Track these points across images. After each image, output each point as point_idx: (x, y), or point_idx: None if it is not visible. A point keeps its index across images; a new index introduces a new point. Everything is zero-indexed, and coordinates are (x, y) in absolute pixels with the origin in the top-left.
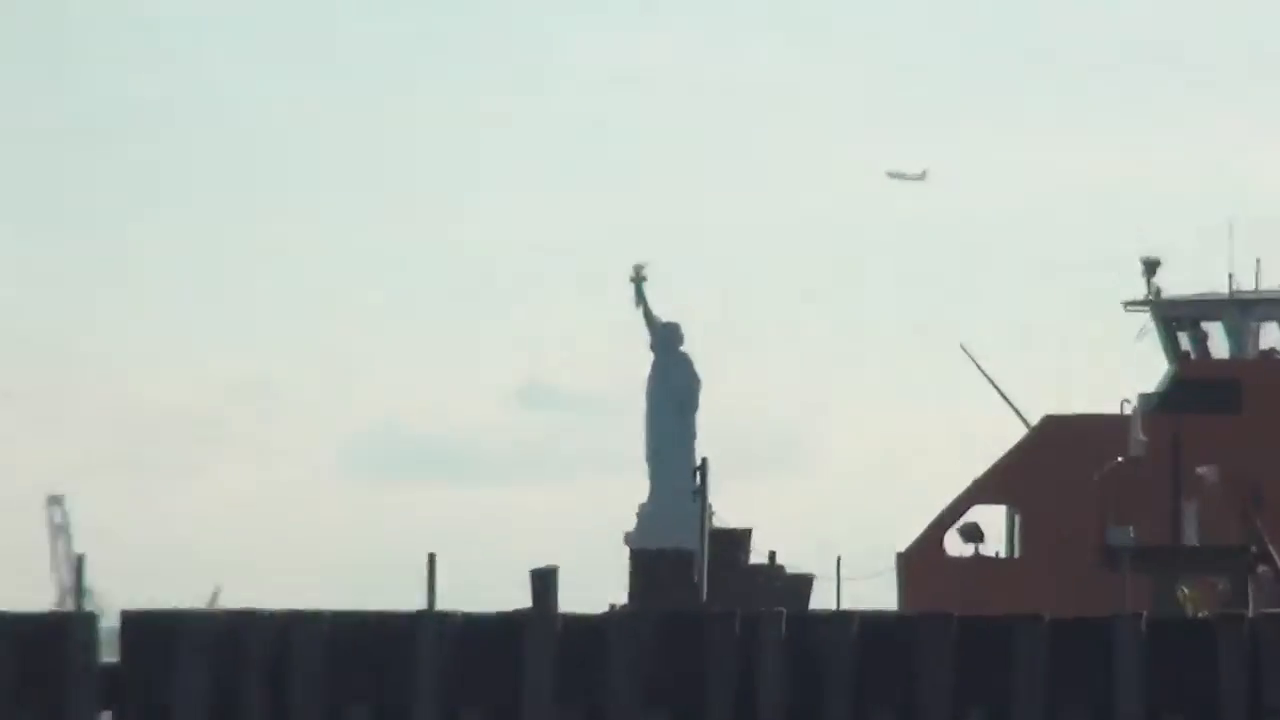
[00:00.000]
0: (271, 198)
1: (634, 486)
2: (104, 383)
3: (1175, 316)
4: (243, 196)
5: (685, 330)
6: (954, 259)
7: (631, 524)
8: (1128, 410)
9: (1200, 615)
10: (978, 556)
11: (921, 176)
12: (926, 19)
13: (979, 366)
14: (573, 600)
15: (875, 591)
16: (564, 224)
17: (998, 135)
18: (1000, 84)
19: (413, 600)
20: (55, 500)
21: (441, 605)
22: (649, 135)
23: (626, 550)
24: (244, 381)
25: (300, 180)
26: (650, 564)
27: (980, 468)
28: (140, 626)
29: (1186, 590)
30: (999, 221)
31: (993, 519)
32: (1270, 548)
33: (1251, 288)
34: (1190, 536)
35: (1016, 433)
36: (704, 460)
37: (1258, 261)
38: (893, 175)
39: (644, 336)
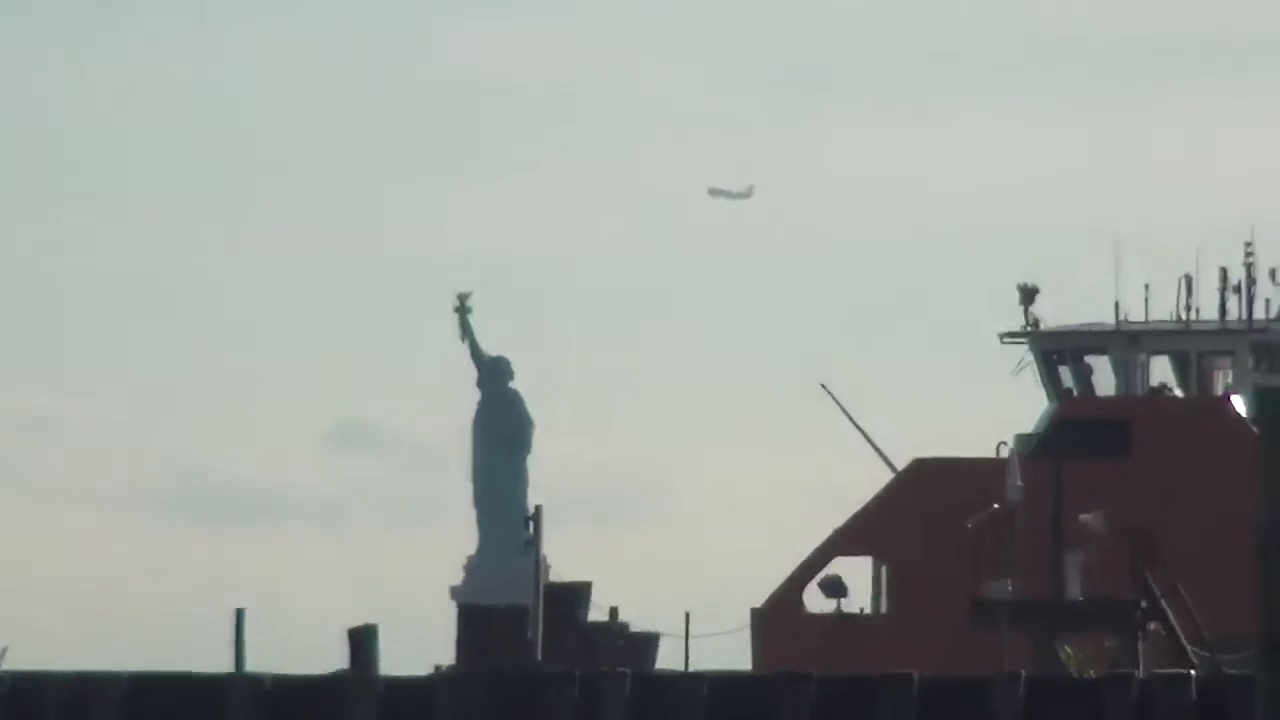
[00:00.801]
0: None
1: (461, 536)
2: None
3: (1056, 349)
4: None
5: (515, 365)
6: (813, 287)
7: (459, 577)
8: (1004, 453)
9: (1085, 676)
10: (840, 612)
11: (748, 194)
12: (776, 20)
13: (841, 406)
14: (395, 661)
15: (727, 650)
16: (376, 244)
17: (852, 147)
18: (859, 93)
19: (219, 660)
20: None
21: (251, 665)
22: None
23: (454, 606)
24: (19, 415)
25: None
26: (480, 620)
27: (843, 516)
28: None
29: (1070, 649)
30: (861, 246)
31: (857, 571)
32: (1162, 603)
33: (1140, 318)
34: (1073, 590)
35: (883, 478)
36: (537, 508)
37: (1146, 288)
38: (715, 193)
39: (470, 372)
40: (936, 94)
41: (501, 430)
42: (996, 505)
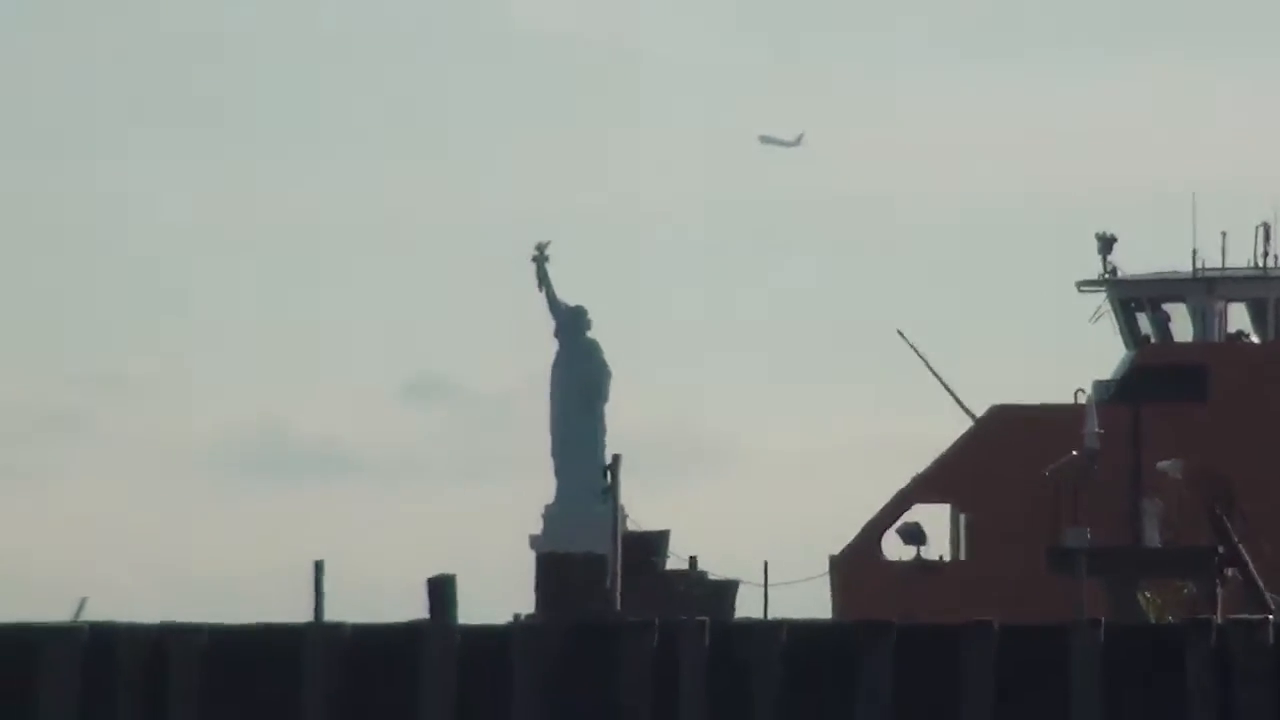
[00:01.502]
0: (121, 165)
1: (539, 486)
2: None
3: (1134, 297)
4: (93, 162)
5: (592, 315)
6: (890, 236)
7: (537, 527)
8: (1082, 400)
9: (1164, 622)
10: (919, 560)
11: (797, 142)
12: None
13: (919, 354)
14: (473, 610)
15: (806, 599)
16: (454, 199)
17: (931, 100)
18: (933, 44)
19: (298, 612)
20: None
21: (330, 616)
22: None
23: (532, 555)
24: (100, 375)
25: (157, 156)
26: (558, 570)
27: (921, 464)
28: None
29: (1148, 595)
30: (938, 195)
31: (935, 519)
32: (1240, 548)
33: (1217, 265)
34: (1152, 537)
35: (961, 426)
36: (615, 457)
37: (1223, 236)
38: (765, 140)
39: (547, 322)
40: (1013, 44)
41: (579, 380)
42: (1075, 452)
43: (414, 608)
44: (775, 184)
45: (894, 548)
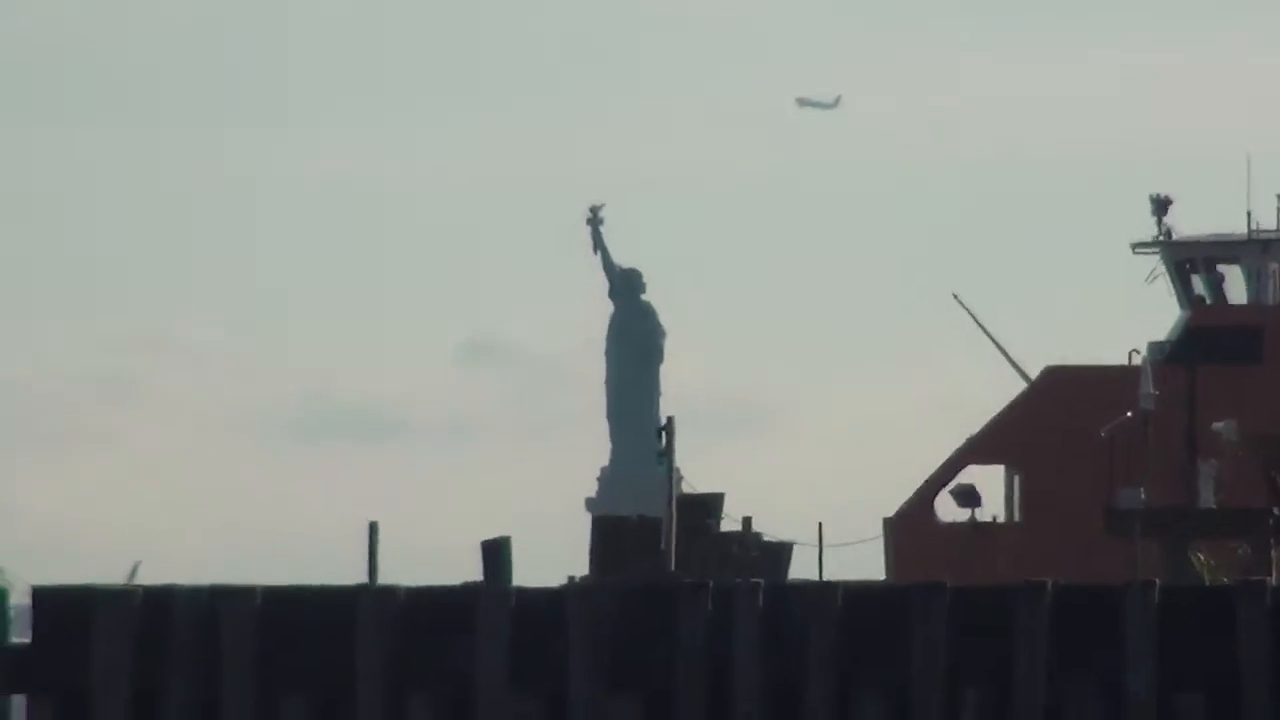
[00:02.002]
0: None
1: (594, 448)
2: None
3: (1188, 259)
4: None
5: (647, 277)
6: (944, 199)
7: (592, 489)
8: (1137, 361)
9: (1218, 583)
10: (973, 521)
11: (835, 104)
12: None
13: (973, 316)
14: (528, 572)
15: (861, 560)
16: (507, 161)
17: (986, 64)
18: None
19: (352, 574)
20: None
21: (384, 579)
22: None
23: (587, 517)
24: (156, 339)
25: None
26: (613, 532)
27: (975, 425)
28: (53, 604)
29: (1202, 557)
30: (993, 159)
31: (989, 480)
32: None
33: (1272, 226)
34: (1206, 498)
35: (1015, 387)
36: (670, 419)
37: (1278, 198)
38: (803, 103)
39: (602, 284)
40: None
41: (634, 342)
42: (1129, 413)
43: (469, 570)
44: (832, 149)
45: (948, 509)
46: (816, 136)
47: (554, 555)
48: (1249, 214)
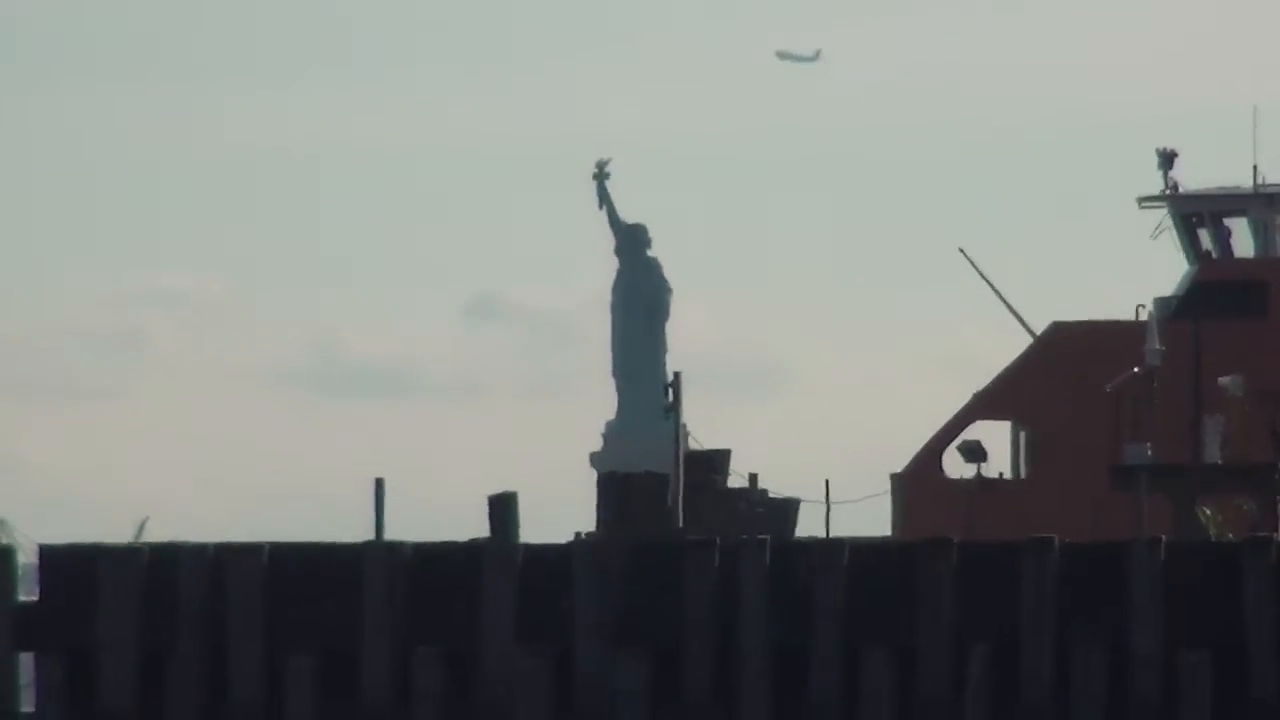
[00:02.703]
0: (190, 87)
1: (600, 405)
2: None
3: (1195, 213)
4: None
5: (653, 232)
6: (949, 152)
7: (598, 445)
8: (1143, 316)
9: (1224, 539)
10: (980, 477)
11: (814, 58)
12: None
13: (979, 271)
14: (535, 529)
15: (867, 517)
16: (512, 116)
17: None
18: None
19: (359, 529)
20: None
21: (390, 535)
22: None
23: (593, 473)
24: (166, 295)
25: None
26: (619, 488)
27: (982, 380)
28: (60, 562)
29: (1209, 512)
30: (998, 112)
31: (996, 436)
32: None
33: (1279, 180)
34: (1212, 453)
35: (1021, 342)
36: (676, 374)
37: None
38: (783, 56)
39: (607, 240)
40: None
41: (640, 297)
42: (1135, 369)
43: (475, 526)
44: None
45: (955, 465)
46: (823, 90)
47: (561, 511)
48: (1255, 168)
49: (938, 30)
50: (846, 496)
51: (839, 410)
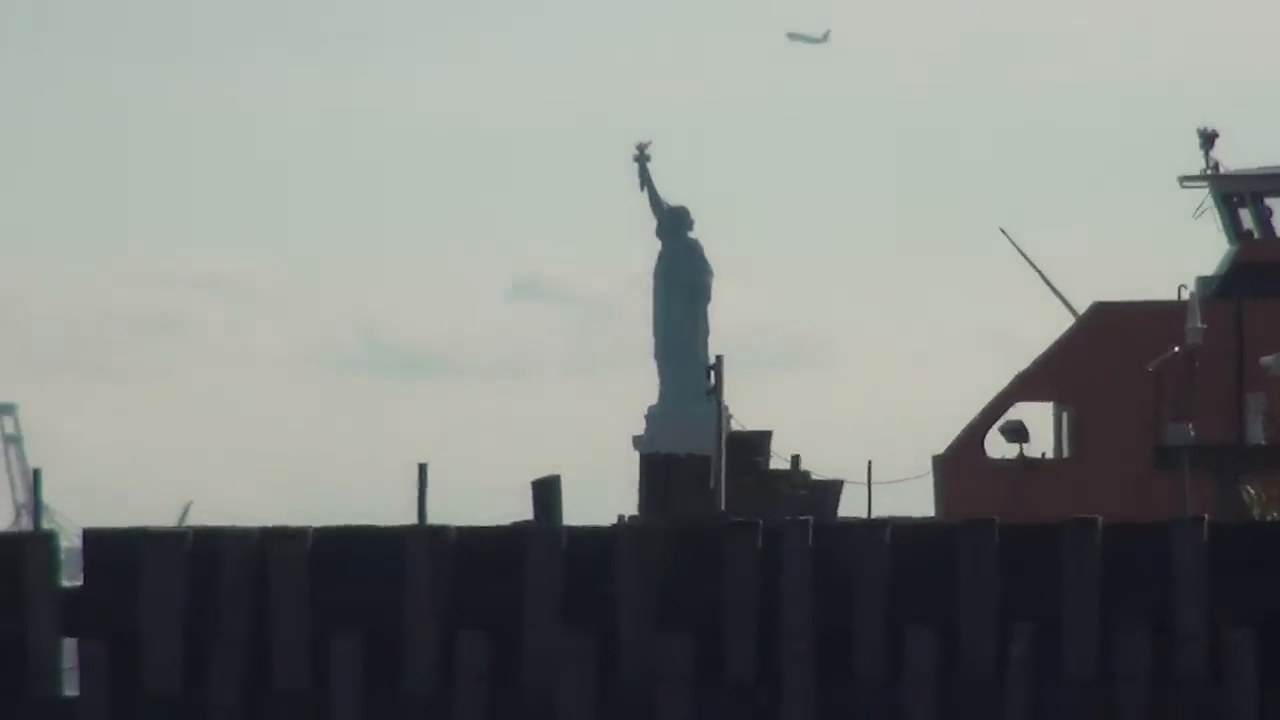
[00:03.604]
0: (237, 73)
1: (642, 387)
2: (53, 280)
3: (1237, 192)
4: (203, 75)
5: (695, 214)
6: (991, 135)
7: (640, 428)
8: (1185, 296)
9: (1268, 518)
10: (1022, 458)
11: (824, 39)
12: None
13: (1021, 251)
14: (578, 511)
15: (910, 498)
16: (554, 101)
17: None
18: None
19: (402, 510)
20: (6, 409)
21: (434, 518)
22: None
23: (636, 456)
24: (208, 278)
25: (266, 61)
26: (662, 471)
27: (1024, 361)
28: (104, 546)
29: (1252, 491)
30: (1040, 93)
31: (1038, 416)
32: None
33: None
34: (1255, 433)
35: (1064, 322)
36: (718, 357)
37: None
38: (793, 37)
39: (648, 222)
40: None
41: (682, 279)
42: (1177, 348)
43: (519, 509)
44: (876, 84)
45: (997, 446)
46: (867, 70)
47: (603, 494)
48: None
49: (984, 9)
50: (889, 478)
51: (881, 391)
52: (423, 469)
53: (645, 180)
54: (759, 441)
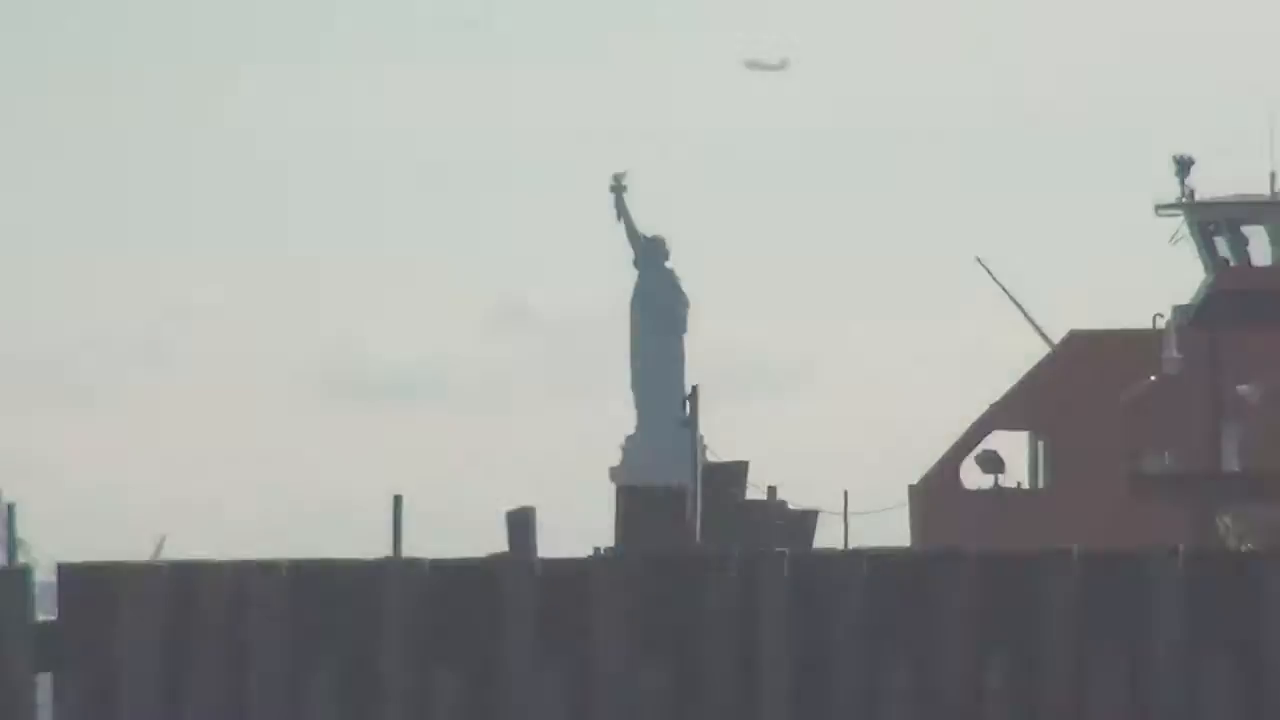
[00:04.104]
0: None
1: (618, 417)
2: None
3: (1212, 220)
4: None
5: (671, 244)
6: (967, 161)
7: (617, 458)
8: (1161, 324)
9: (1245, 548)
10: (998, 487)
11: (781, 66)
12: None
13: (997, 280)
14: (553, 542)
15: (886, 528)
16: (533, 126)
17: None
18: None
19: (379, 539)
20: None
21: (408, 550)
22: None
23: (612, 486)
24: (183, 303)
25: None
26: (638, 501)
27: (999, 390)
28: (79, 581)
29: (1228, 521)
30: (1016, 120)
31: (1014, 446)
32: None
33: None
34: (1231, 461)
35: (1039, 351)
36: (694, 387)
37: None
38: (751, 65)
39: (626, 252)
40: None
41: (658, 310)
42: (1154, 377)
43: (493, 541)
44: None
45: (973, 476)
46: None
47: (579, 525)
48: (1273, 175)
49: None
50: (865, 506)
51: (857, 420)
52: (397, 501)
53: (621, 210)
54: (735, 471)
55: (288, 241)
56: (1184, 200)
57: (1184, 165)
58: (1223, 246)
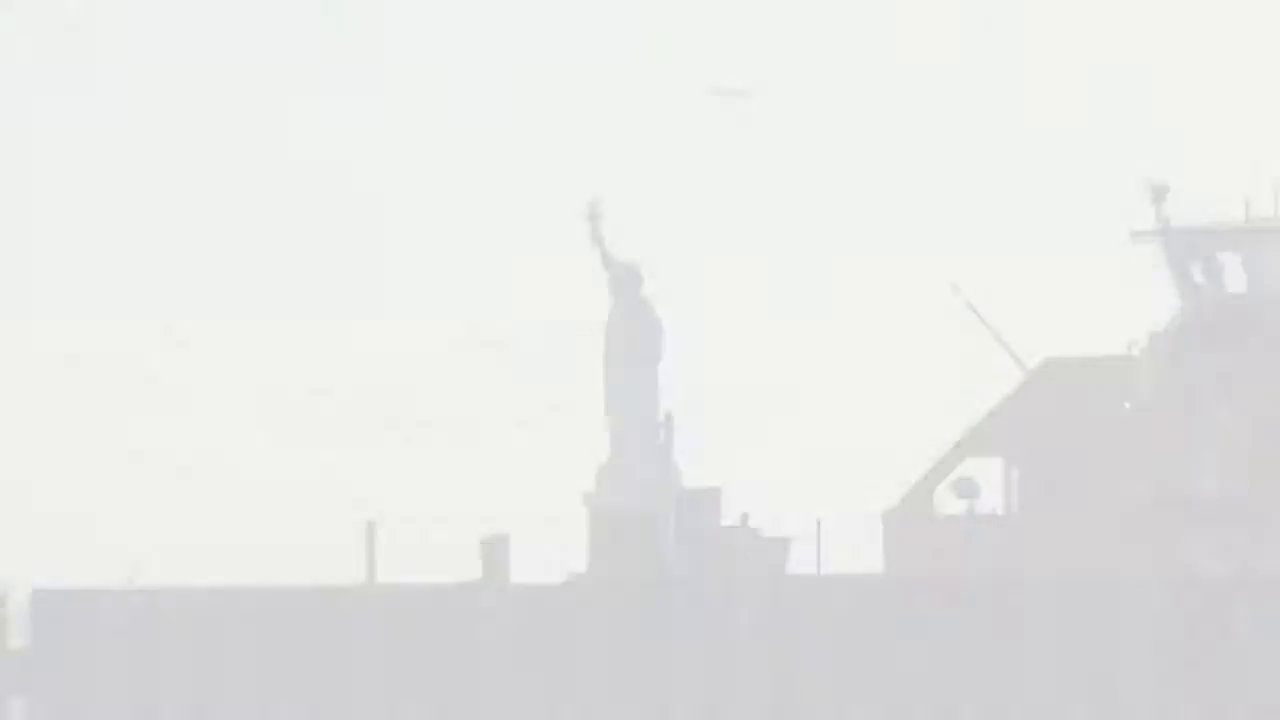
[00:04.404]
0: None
1: (593, 443)
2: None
3: (1187, 247)
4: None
5: (646, 271)
6: (941, 185)
7: (591, 484)
8: (1135, 351)
9: (1217, 572)
10: (972, 514)
11: (746, 94)
12: None
13: (971, 306)
14: (527, 568)
15: (859, 554)
16: (504, 152)
17: (983, 43)
18: None
19: (352, 567)
20: None
21: (384, 574)
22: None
23: (586, 513)
24: (151, 332)
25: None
26: (613, 528)
27: (973, 417)
28: (53, 607)
29: (1201, 545)
30: (989, 144)
31: (988, 472)
32: None
33: (1271, 214)
34: (1206, 487)
35: (1013, 378)
36: (668, 414)
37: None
38: (713, 92)
39: (602, 277)
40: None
41: (634, 337)
42: (1128, 404)
43: (468, 566)
44: (825, 138)
45: (946, 502)
46: (814, 124)
47: (554, 551)
48: (1246, 203)
49: (933, 63)
50: (838, 531)
51: (830, 448)
52: (371, 528)
53: (597, 237)
54: (709, 499)
55: (255, 269)
56: (1159, 228)
57: (1159, 192)
58: (1197, 273)
